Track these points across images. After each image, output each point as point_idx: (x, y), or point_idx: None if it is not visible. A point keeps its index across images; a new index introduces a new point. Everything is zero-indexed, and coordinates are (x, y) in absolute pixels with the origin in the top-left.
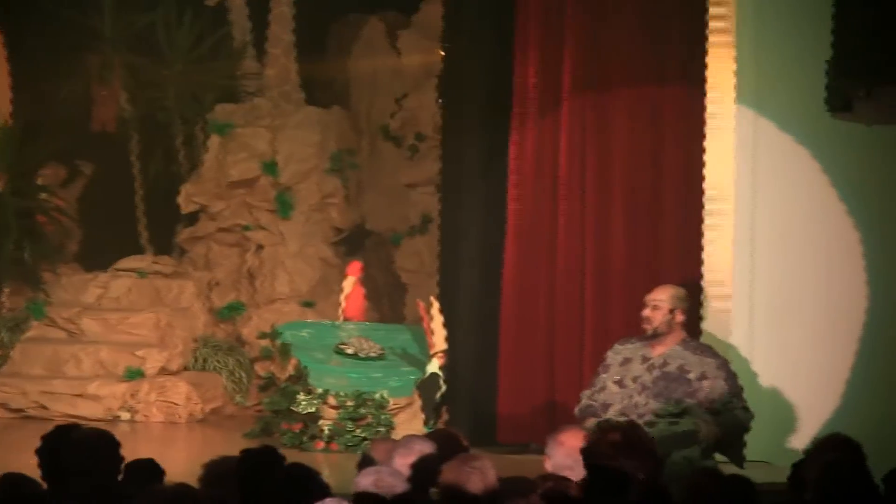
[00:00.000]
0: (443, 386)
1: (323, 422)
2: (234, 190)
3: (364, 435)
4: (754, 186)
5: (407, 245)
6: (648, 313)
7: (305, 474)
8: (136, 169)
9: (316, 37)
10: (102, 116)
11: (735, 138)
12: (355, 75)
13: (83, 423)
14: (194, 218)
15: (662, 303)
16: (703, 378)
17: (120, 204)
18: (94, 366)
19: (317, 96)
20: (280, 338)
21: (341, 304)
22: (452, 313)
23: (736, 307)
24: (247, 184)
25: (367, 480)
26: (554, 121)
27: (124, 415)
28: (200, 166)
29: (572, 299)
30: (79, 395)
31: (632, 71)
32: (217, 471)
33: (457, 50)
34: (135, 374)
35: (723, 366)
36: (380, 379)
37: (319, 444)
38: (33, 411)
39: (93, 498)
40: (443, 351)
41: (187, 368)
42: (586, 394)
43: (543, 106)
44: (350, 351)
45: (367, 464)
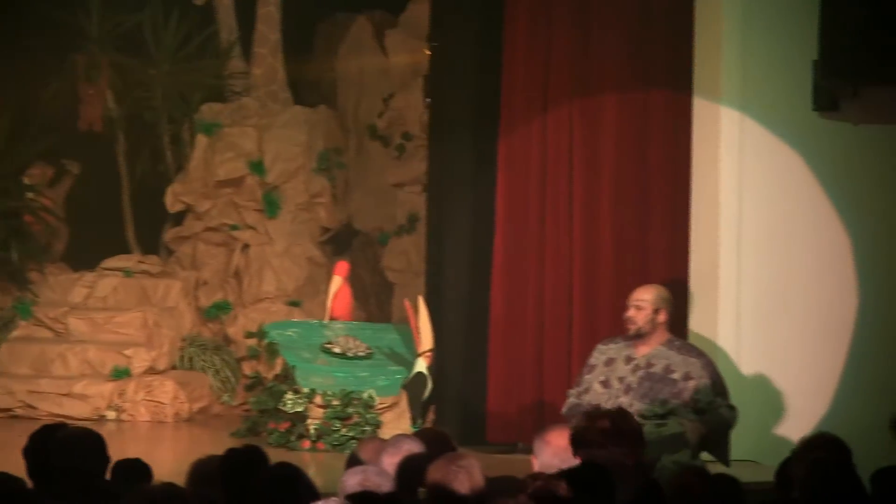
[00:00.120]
0: (430, 385)
1: (310, 421)
2: (221, 189)
3: (351, 434)
4: (741, 187)
5: (394, 244)
6: (631, 313)
7: (292, 474)
8: (122, 168)
9: (303, 36)
10: (89, 116)
11: (722, 139)
12: (342, 75)
13: (70, 422)
14: (181, 217)
15: (645, 303)
16: (687, 378)
17: (107, 203)
18: (81, 365)
19: (304, 96)
20: (267, 337)
21: (328, 303)
22: (439, 313)
23: (723, 307)
24: (234, 183)
25: (353, 480)
26: (542, 121)
27: (111, 414)
28: (187, 166)
29: (561, 299)
30: (65, 395)
31: (619, 72)
32: (204, 470)
33: (444, 49)
34: (121, 374)
35: (707, 365)
36: (367, 378)
37: (306, 444)
38: (20, 410)
39: (80, 497)
40: (429, 350)
41: (174, 368)
42: (573, 392)
43: (532, 106)
44: (337, 350)
45: (355, 463)
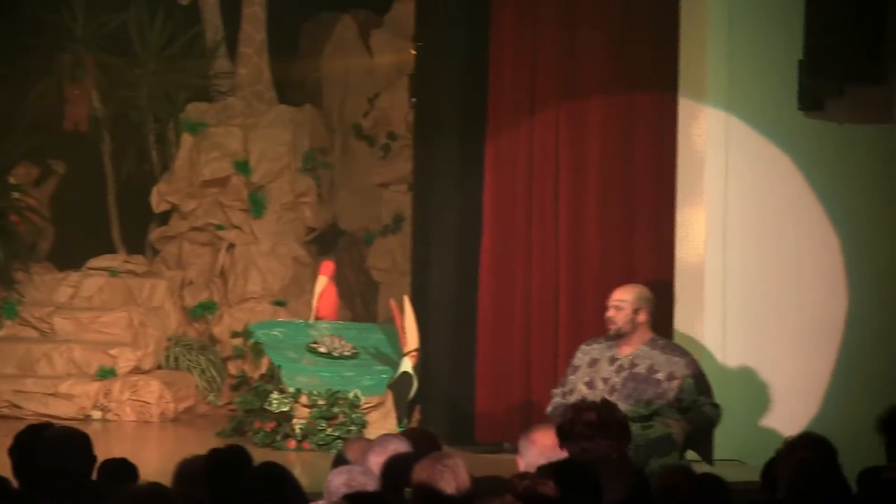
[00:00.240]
0: (415, 385)
1: (295, 421)
2: (206, 189)
3: (336, 434)
4: (726, 186)
5: (379, 244)
6: (611, 313)
7: (278, 473)
8: (108, 168)
9: (288, 36)
10: (75, 116)
11: (707, 139)
12: (328, 74)
13: (56, 421)
14: (167, 217)
15: (625, 303)
16: (671, 378)
17: (92, 203)
18: (67, 365)
19: (289, 95)
20: (252, 337)
21: (314, 303)
22: (425, 312)
23: (708, 307)
24: (219, 183)
25: (338, 479)
26: (529, 121)
27: (97, 414)
28: (173, 165)
29: (548, 299)
30: (51, 394)
31: (604, 72)
32: (190, 470)
33: (429, 49)
34: (107, 373)
35: (690, 364)
36: (352, 378)
37: (292, 443)
38: (5, 410)
39: (66, 497)
40: (415, 350)
41: (160, 367)
42: (557, 392)
43: (519, 107)
44: (322, 350)
45: (341, 463)
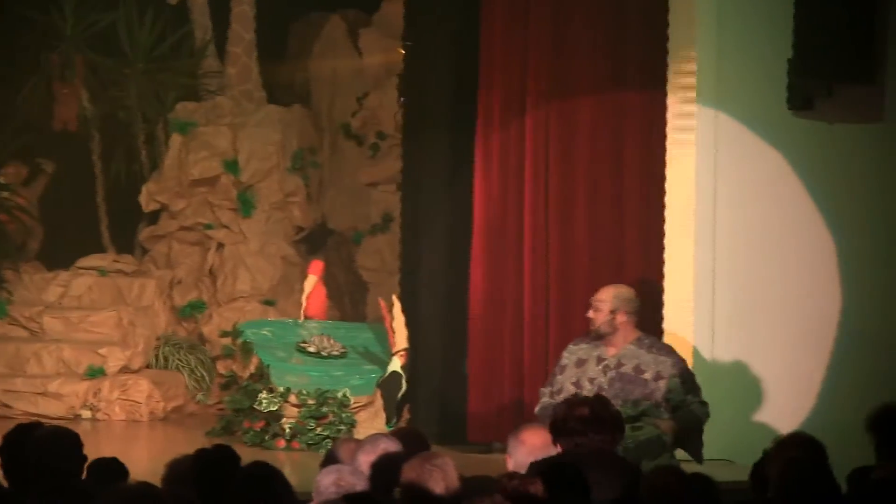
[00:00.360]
0: (404, 384)
1: (285, 420)
2: (195, 188)
3: (326, 433)
4: (716, 186)
5: (368, 243)
6: (591, 314)
7: (268, 473)
8: (97, 167)
9: (277, 35)
10: (64, 115)
11: (696, 137)
12: (316, 74)
13: (45, 421)
14: (156, 216)
15: (603, 304)
16: (658, 378)
17: (81, 202)
18: (56, 364)
19: (278, 95)
20: (241, 336)
21: (303, 302)
22: (414, 312)
23: (697, 306)
24: (208, 182)
25: (327, 479)
26: (519, 121)
27: (86, 413)
28: (162, 165)
29: (539, 298)
30: (40, 394)
31: (594, 70)
32: (179, 469)
33: (418, 48)
34: (96, 373)
35: (678, 363)
36: (341, 377)
37: (281, 443)
38: None
39: (55, 496)
40: (404, 349)
41: (149, 367)
42: (545, 391)
43: (509, 106)
44: (311, 349)
45: (331, 461)
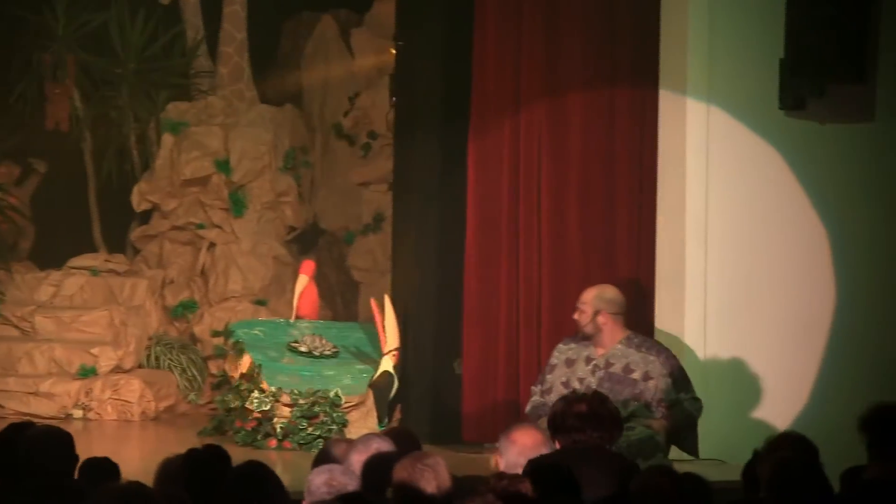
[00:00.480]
0: (396, 384)
1: (276, 420)
2: (187, 188)
3: (317, 433)
4: (708, 180)
5: (360, 243)
6: (576, 315)
7: (262, 473)
8: (89, 167)
9: (269, 35)
10: (56, 115)
11: (688, 134)
12: (308, 73)
13: (37, 420)
14: (147, 216)
15: (585, 305)
16: (647, 378)
17: (73, 202)
18: (48, 364)
19: (269, 94)
20: (233, 336)
21: (294, 302)
22: (406, 311)
23: (689, 304)
24: (200, 182)
25: (319, 479)
26: (512, 120)
27: (78, 413)
28: (153, 165)
29: (533, 298)
30: (32, 393)
31: (586, 68)
32: (172, 469)
33: (410, 48)
34: (88, 372)
35: (667, 362)
36: (333, 377)
37: (273, 443)
38: None
39: (47, 496)
40: (396, 349)
41: (141, 366)
42: (536, 390)
43: (502, 104)
44: (303, 349)
45: (323, 461)
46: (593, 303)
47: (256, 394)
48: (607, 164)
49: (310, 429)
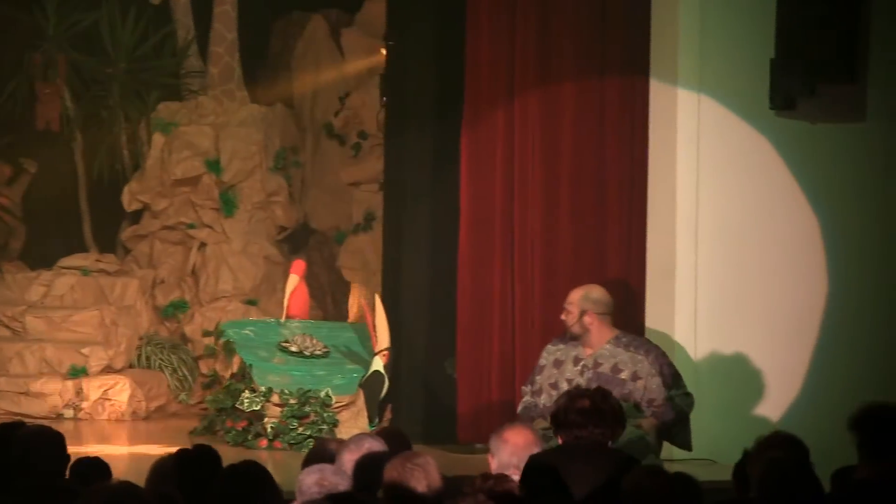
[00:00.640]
0: (386, 384)
1: (267, 420)
2: (177, 188)
3: (308, 433)
4: (698, 174)
5: (350, 243)
6: (563, 315)
7: (256, 472)
8: (80, 167)
9: (259, 35)
10: (46, 115)
11: (679, 128)
12: (299, 73)
13: (28, 420)
14: (138, 216)
15: (572, 305)
16: (636, 378)
17: (64, 202)
18: (39, 364)
19: (260, 94)
20: (224, 336)
21: (285, 301)
22: (397, 311)
23: (679, 301)
24: (190, 182)
25: (310, 479)
26: (506, 117)
27: (69, 412)
28: (144, 164)
29: (527, 297)
30: (23, 393)
31: (577, 62)
32: (164, 469)
33: (400, 48)
34: (79, 372)
35: (655, 361)
36: (324, 377)
37: (263, 442)
38: None
39: (39, 495)
40: (386, 349)
41: (131, 366)
42: (527, 390)
43: (496, 100)
44: (294, 349)
45: (313, 461)
46: (580, 303)
47: (247, 394)
48: (598, 158)
49: (300, 429)
